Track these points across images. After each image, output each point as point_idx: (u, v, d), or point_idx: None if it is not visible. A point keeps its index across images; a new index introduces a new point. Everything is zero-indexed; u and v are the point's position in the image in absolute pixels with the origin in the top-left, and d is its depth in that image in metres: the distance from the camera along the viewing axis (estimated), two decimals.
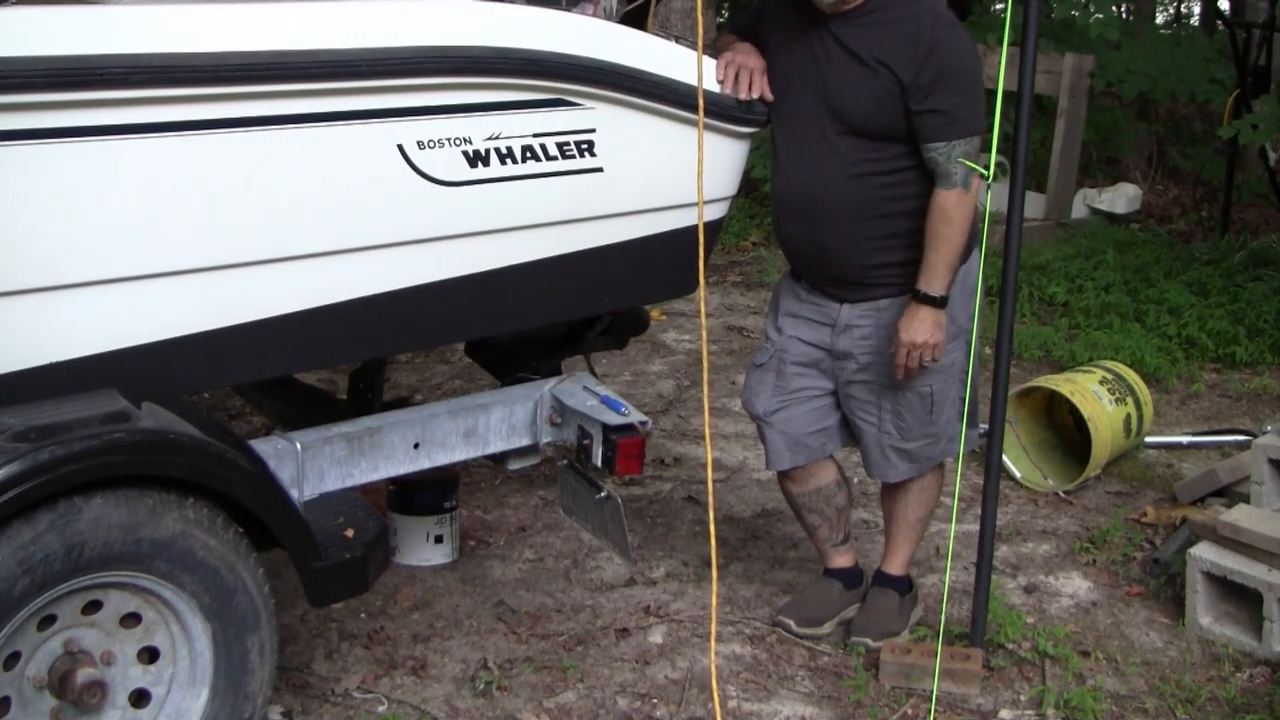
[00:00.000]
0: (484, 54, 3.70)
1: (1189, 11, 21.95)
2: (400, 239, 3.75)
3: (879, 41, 4.14)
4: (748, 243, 10.40)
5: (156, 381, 3.44)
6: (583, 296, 4.29)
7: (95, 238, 3.27)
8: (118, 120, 3.21)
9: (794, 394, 4.48)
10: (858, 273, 4.31)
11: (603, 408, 4.37)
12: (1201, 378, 7.55)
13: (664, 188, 4.16)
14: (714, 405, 6.66)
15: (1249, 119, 8.84)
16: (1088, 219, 10.76)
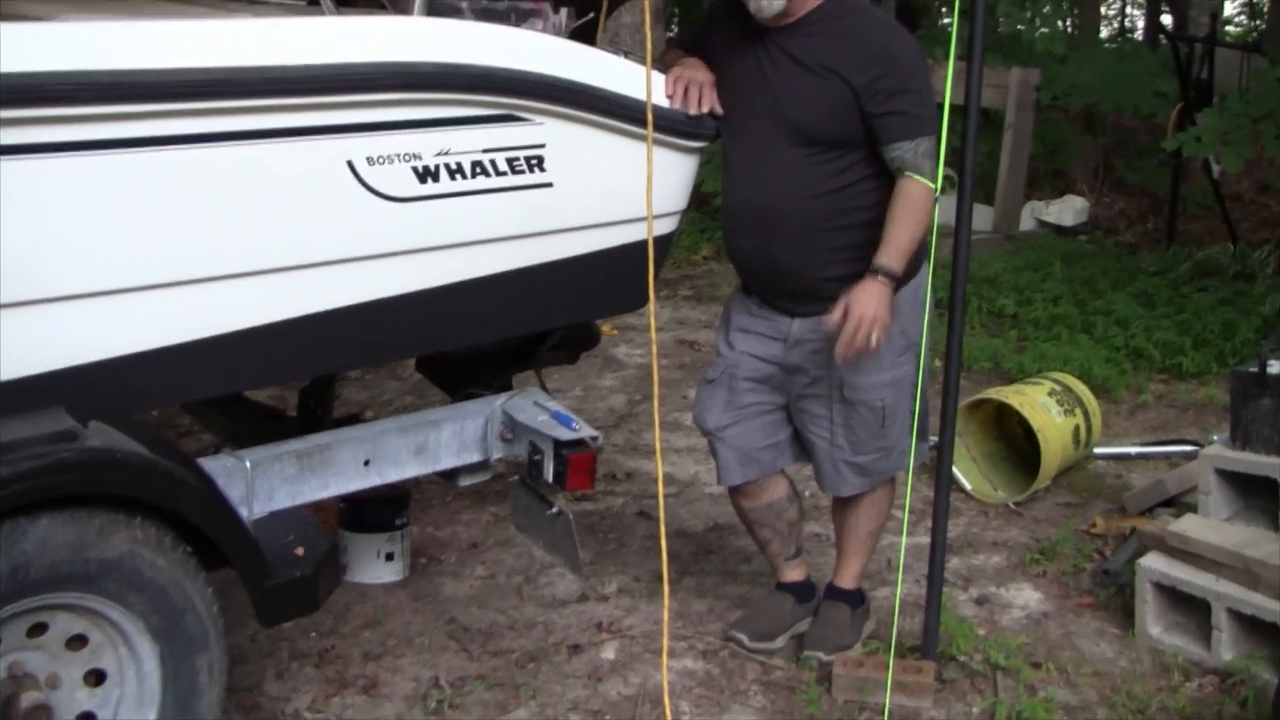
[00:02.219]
0: (434, 69, 3.69)
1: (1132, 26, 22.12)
2: (350, 255, 3.73)
3: (826, 49, 4.15)
4: (699, 257, 10.41)
5: (104, 400, 3.41)
6: (533, 311, 4.28)
7: (39, 256, 3.24)
8: (63, 138, 3.18)
9: (745, 409, 4.48)
10: (809, 285, 4.31)
11: (554, 423, 4.36)
12: (1149, 388, 7.59)
13: (614, 202, 4.15)
14: (665, 420, 6.66)
15: (1193, 132, 8.91)
16: (1036, 231, 10.83)
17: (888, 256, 4.11)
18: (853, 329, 4.06)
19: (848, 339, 4.07)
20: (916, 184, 4.13)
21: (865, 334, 4.06)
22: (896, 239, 4.12)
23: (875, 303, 4.07)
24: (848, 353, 4.11)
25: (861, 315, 4.05)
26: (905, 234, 4.13)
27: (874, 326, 4.06)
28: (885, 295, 4.09)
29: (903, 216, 4.13)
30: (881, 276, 4.09)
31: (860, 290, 4.09)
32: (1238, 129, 8.64)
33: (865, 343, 4.08)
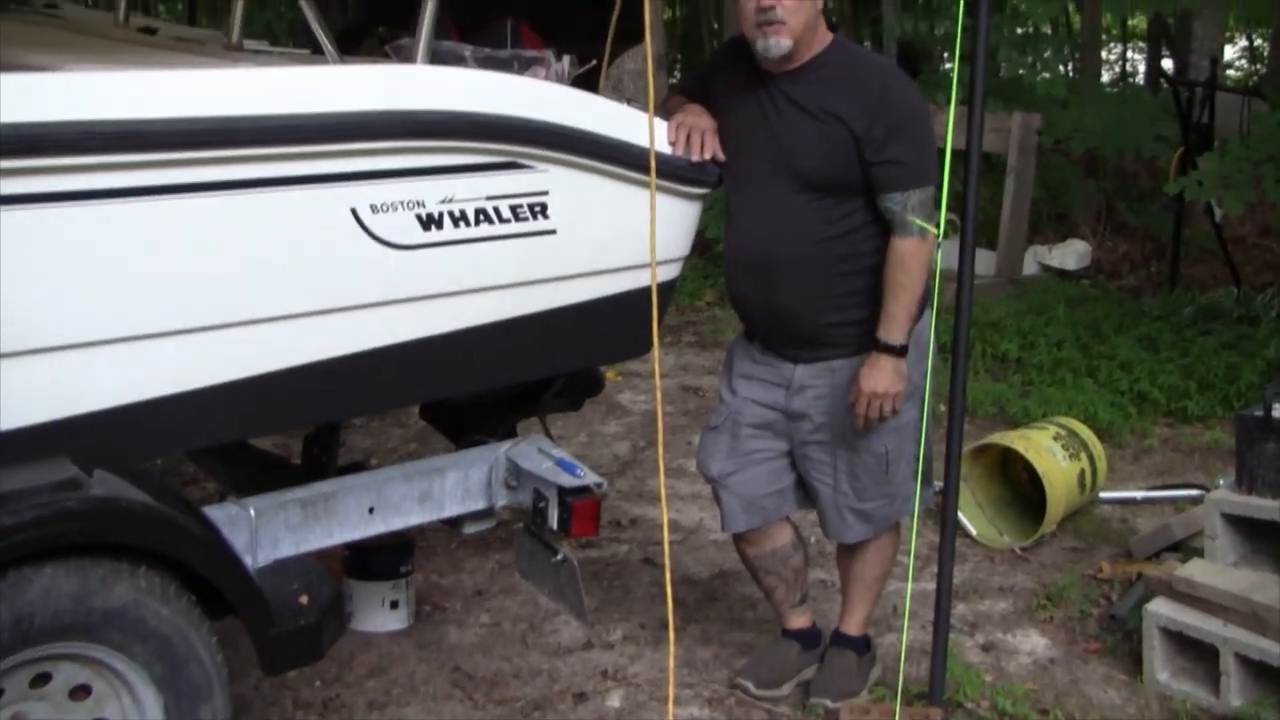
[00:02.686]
0: (437, 117, 3.71)
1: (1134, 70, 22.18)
2: (354, 303, 3.73)
3: (829, 95, 4.17)
4: (702, 302, 10.42)
5: (108, 448, 3.41)
6: (537, 358, 4.28)
7: (45, 304, 3.24)
8: (67, 187, 3.19)
9: (749, 456, 4.48)
10: (812, 332, 4.31)
11: (558, 470, 4.35)
12: (1154, 432, 7.58)
13: (617, 249, 4.16)
14: (670, 466, 6.65)
15: (1194, 175, 8.92)
16: (1039, 275, 10.82)
17: (887, 331, 4.19)
18: (863, 408, 4.22)
19: (861, 418, 4.25)
20: (905, 243, 4.16)
21: (876, 409, 4.21)
22: (893, 311, 4.19)
23: (884, 378, 4.20)
24: (865, 428, 4.28)
25: (872, 392, 4.20)
26: (901, 304, 4.19)
27: (886, 400, 4.21)
28: (892, 368, 4.20)
29: (896, 284, 4.19)
30: (886, 352, 4.17)
31: (868, 368, 4.21)
32: (1239, 173, 8.66)
33: (879, 415, 4.22)
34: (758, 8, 4.10)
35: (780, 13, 4.08)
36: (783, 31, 4.11)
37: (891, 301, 4.19)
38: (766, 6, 4.09)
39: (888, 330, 4.19)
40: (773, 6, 4.08)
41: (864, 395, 4.21)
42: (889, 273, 4.18)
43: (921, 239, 4.16)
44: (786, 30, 4.10)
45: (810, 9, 4.14)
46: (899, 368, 4.20)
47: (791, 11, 4.08)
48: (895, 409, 4.24)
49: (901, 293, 4.18)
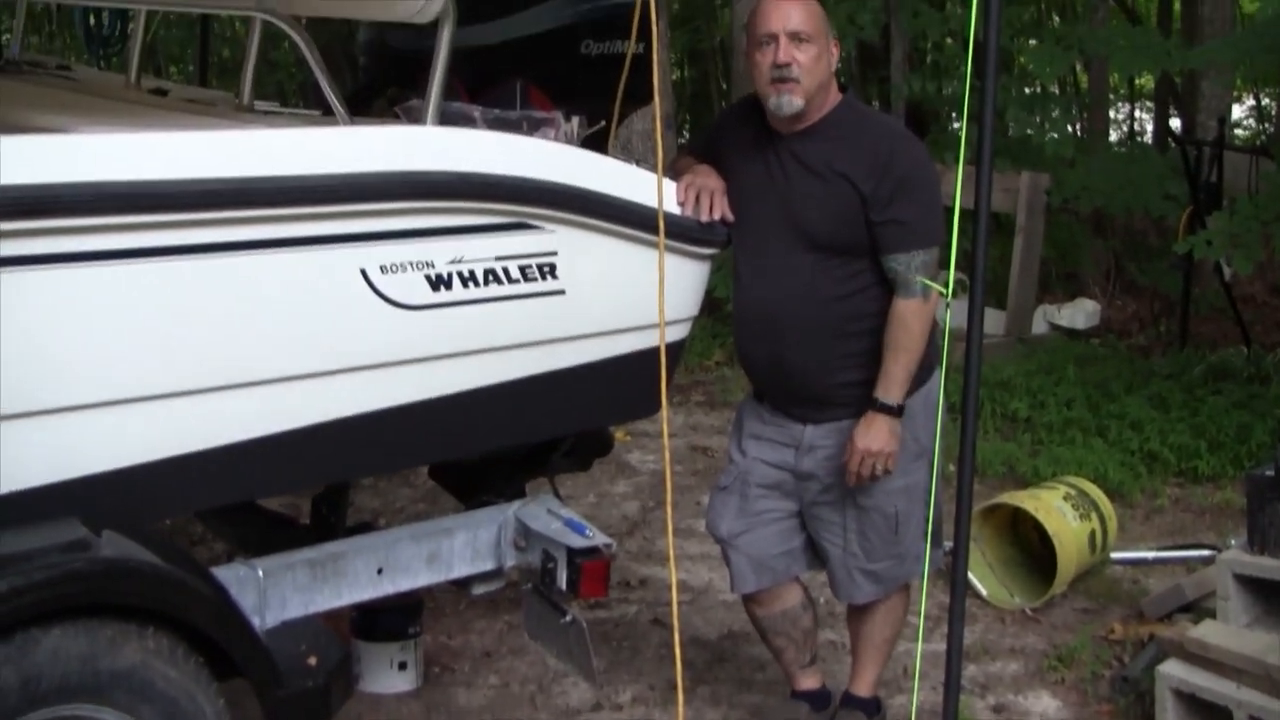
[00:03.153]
0: (446, 178, 3.72)
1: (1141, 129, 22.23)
2: (363, 363, 3.74)
3: (836, 155, 4.18)
4: (711, 362, 10.41)
5: (117, 509, 3.41)
6: (546, 418, 4.28)
7: (55, 365, 3.25)
8: (79, 248, 3.20)
9: (758, 516, 4.47)
10: (821, 391, 4.31)
11: (567, 530, 4.34)
12: (1165, 492, 7.55)
13: (626, 309, 4.17)
14: (679, 526, 6.63)
15: (1203, 234, 8.91)
16: (1048, 334, 10.82)
17: (885, 390, 4.20)
18: (856, 465, 4.23)
19: (852, 475, 4.25)
20: (908, 304, 4.17)
21: (869, 468, 4.21)
22: (892, 371, 4.20)
23: (878, 437, 4.20)
24: (856, 484, 4.28)
25: (866, 449, 4.20)
26: (900, 364, 4.20)
27: (879, 459, 4.21)
28: (887, 427, 4.20)
29: (896, 344, 4.19)
30: (882, 412, 4.17)
31: (863, 426, 4.22)
32: (1248, 231, 8.66)
33: (871, 473, 4.22)
34: (773, 64, 4.12)
35: (795, 70, 4.11)
36: (796, 90, 4.13)
37: (891, 361, 4.19)
38: (783, 64, 4.11)
39: (885, 390, 4.19)
40: (789, 64, 4.11)
41: (857, 453, 4.20)
42: (890, 332, 4.19)
43: (924, 299, 4.16)
44: (800, 90, 4.13)
45: (824, 69, 4.16)
46: (894, 428, 4.20)
47: (806, 71, 4.11)
48: (888, 469, 4.23)
49: (901, 353, 4.18)
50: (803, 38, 4.12)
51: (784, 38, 4.11)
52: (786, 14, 4.13)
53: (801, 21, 4.12)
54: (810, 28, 4.13)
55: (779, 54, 4.12)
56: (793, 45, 4.11)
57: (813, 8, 4.18)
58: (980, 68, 4.14)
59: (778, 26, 4.12)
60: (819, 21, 4.17)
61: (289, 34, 3.95)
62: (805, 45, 4.12)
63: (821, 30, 4.17)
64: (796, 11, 4.13)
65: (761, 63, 4.17)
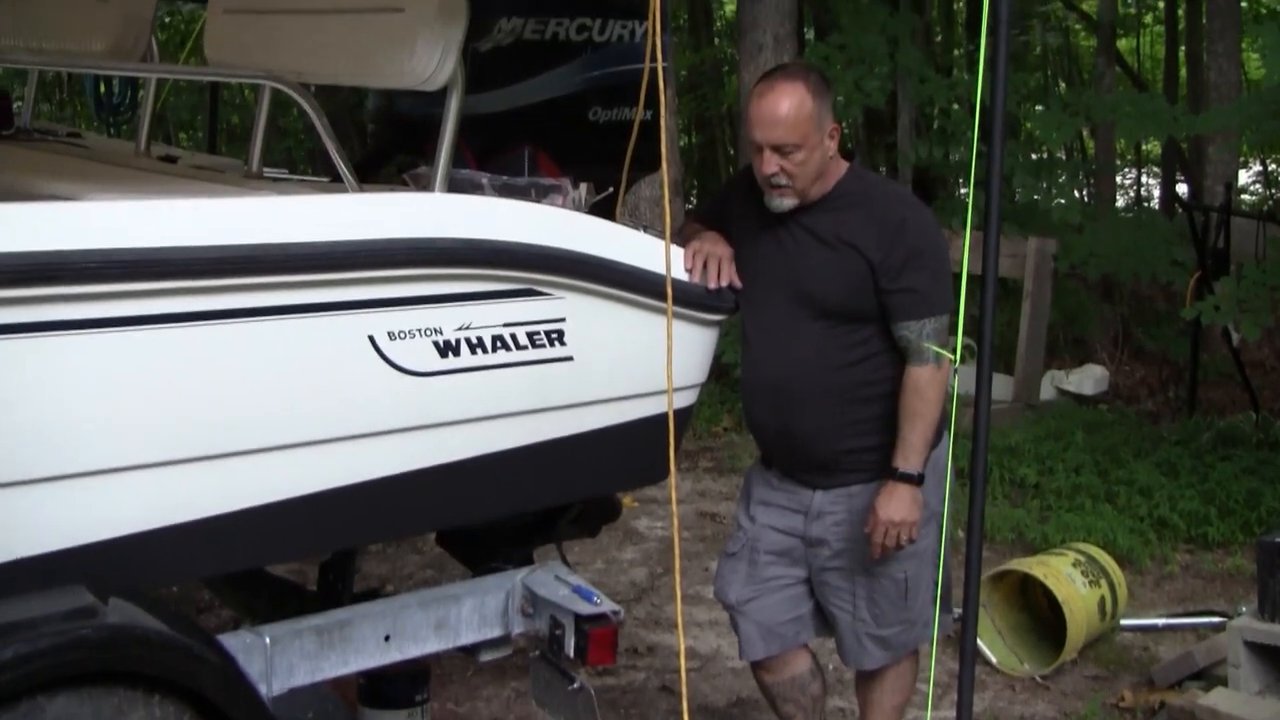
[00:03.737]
0: (455, 245, 3.73)
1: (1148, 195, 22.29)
2: (370, 430, 3.73)
3: (844, 224, 4.19)
4: (719, 428, 10.40)
5: (124, 575, 3.40)
6: (554, 485, 4.27)
7: (62, 432, 3.25)
8: (89, 314, 3.20)
9: (767, 583, 4.46)
10: (829, 458, 4.31)
11: (575, 597, 4.33)
12: (1174, 559, 7.53)
13: (634, 376, 4.16)
14: (687, 593, 6.61)
15: (1210, 300, 8.93)
16: (1056, 400, 10.81)
17: (904, 459, 4.19)
18: (880, 536, 4.19)
19: (877, 546, 4.21)
20: (921, 371, 4.17)
21: (893, 538, 4.19)
22: (910, 439, 4.19)
23: (901, 507, 4.18)
24: (881, 555, 4.25)
25: (889, 520, 4.18)
26: (917, 431, 4.19)
27: (903, 529, 4.19)
28: (909, 496, 4.18)
29: (913, 412, 4.19)
30: (902, 481, 4.16)
31: (885, 496, 4.19)
32: (1255, 297, 8.67)
33: (895, 544, 4.19)
34: (760, 172, 4.15)
35: (782, 179, 4.13)
36: (788, 194, 4.16)
37: (908, 429, 4.18)
38: (768, 174, 4.13)
39: (905, 458, 4.18)
40: (775, 173, 4.13)
41: (881, 524, 4.18)
42: (905, 400, 4.18)
43: (937, 367, 4.17)
44: (792, 192, 4.15)
45: (816, 163, 4.16)
46: (916, 496, 4.19)
47: (795, 176, 4.13)
48: (912, 538, 4.21)
49: (918, 420, 4.18)
50: (788, 149, 4.10)
51: (768, 150, 4.12)
52: (770, 126, 4.10)
53: (785, 134, 4.09)
54: (795, 137, 4.10)
55: (764, 165, 4.14)
56: (778, 156, 4.11)
57: (800, 110, 4.10)
58: (987, 133, 4.16)
59: (761, 139, 4.12)
60: (807, 124, 4.11)
61: (298, 101, 3.97)
62: (791, 154, 4.11)
63: (810, 130, 4.11)
64: (781, 123, 4.09)
65: (755, 161, 4.19)
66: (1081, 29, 19.46)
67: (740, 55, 11.33)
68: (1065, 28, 19.16)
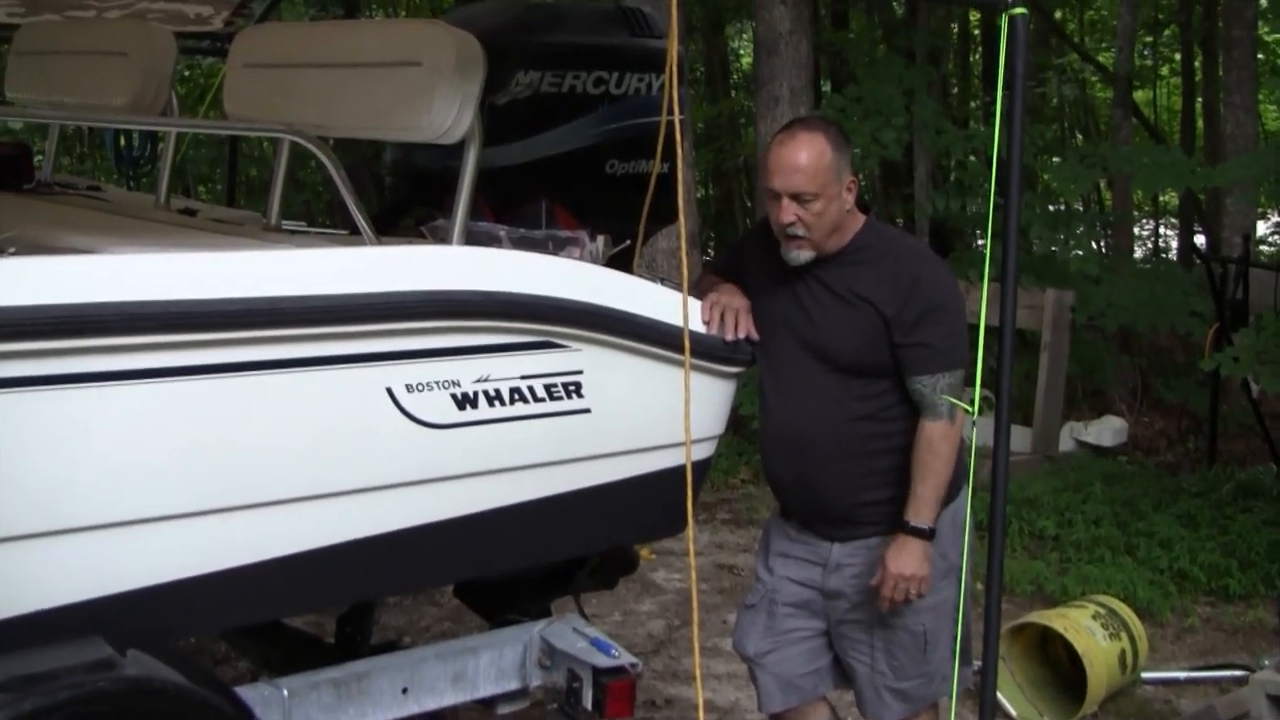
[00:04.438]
0: (472, 298, 3.74)
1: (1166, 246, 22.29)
2: (388, 482, 3.74)
3: (861, 279, 4.19)
4: (737, 479, 10.39)
5: (142, 627, 3.40)
6: (571, 537, 4.27)
7: (82, 483, 3.26)
8: (108, 367, 3.22)
9: (785, 635, 4.44)
10: (847, 510, 4.30)
11: (592, 649, 4.32)
12: (1195, 611, 7.49)
13: (652, 428, 4.16)
14: (705, 645, 6.59)
15: (1229, 352, 8.90)
16: (1075, 452, 10.78)
17: (915, 513, 4.17)
18: (890, 589, 4.17)
19: (886, 600, 4.20)
20: (934, 426, 4.16)
21: (902, 592, 4.17)
22: (921, 493, 4.17)
23: (912, 561, 4.16)
24: (890, 609, 4.23)
25: (899, 574, 4.16)
26: (929, 486, 4.17)
27: (912, 584, 4.16)
28: (920, 550, 4.16)
29: (924, 466, 4.17)
30: (914, 535, 4.14)
31: (895, 550, 4.18)
32: (1274, 348, 8.64)
33: (904, 598, 4.18)
34: (778, 221, 4.15)
35: (799, 229, 4.13)
36: (805, 245, 4.15)
37: (920, 484, 4.17)
38: (786, 224, 4.13)
39: (916, 512, 4.17)
40: (792, 223, 4.13)
41: (890, 578, 4.17)
42: (918, 455, 4.17)
43: (950, 422, 4.15)
44: (808, 243, 4.15)
45: (834, 215, 4.16)
46: (927, 550, 4.17)
47: (813, 227, 4.13)
48: (921, 592, 4.19)
49: (930, 475, 4.16)
50: (806, 198, 4.11)
51: (786, 198, 4.13)
52: (789, 174, 4.11)
53: (805, 182, 4.10)
54: (814, 186, 4.10)
55: (782, 214, 4.13)
56: (796, 205, 4.11)
57: (820, 159, 4.11)
58: (1004, 185, 4.16)
59: (780, 187, 4.12)
60: (826, 174, 4.12)
61: (316, 154, 3.99)
62: (810, 203, 4.11)
63: (829, 180, 4.12)
64: (800, 171, 4.10)
65: (772, 210, 4.20)
66: (1097, 81, 19.48)
67: (757, 108, 11.37)
68: (1081, 80, 19.19)
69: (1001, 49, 4.14)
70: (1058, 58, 18.52)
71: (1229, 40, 12.51)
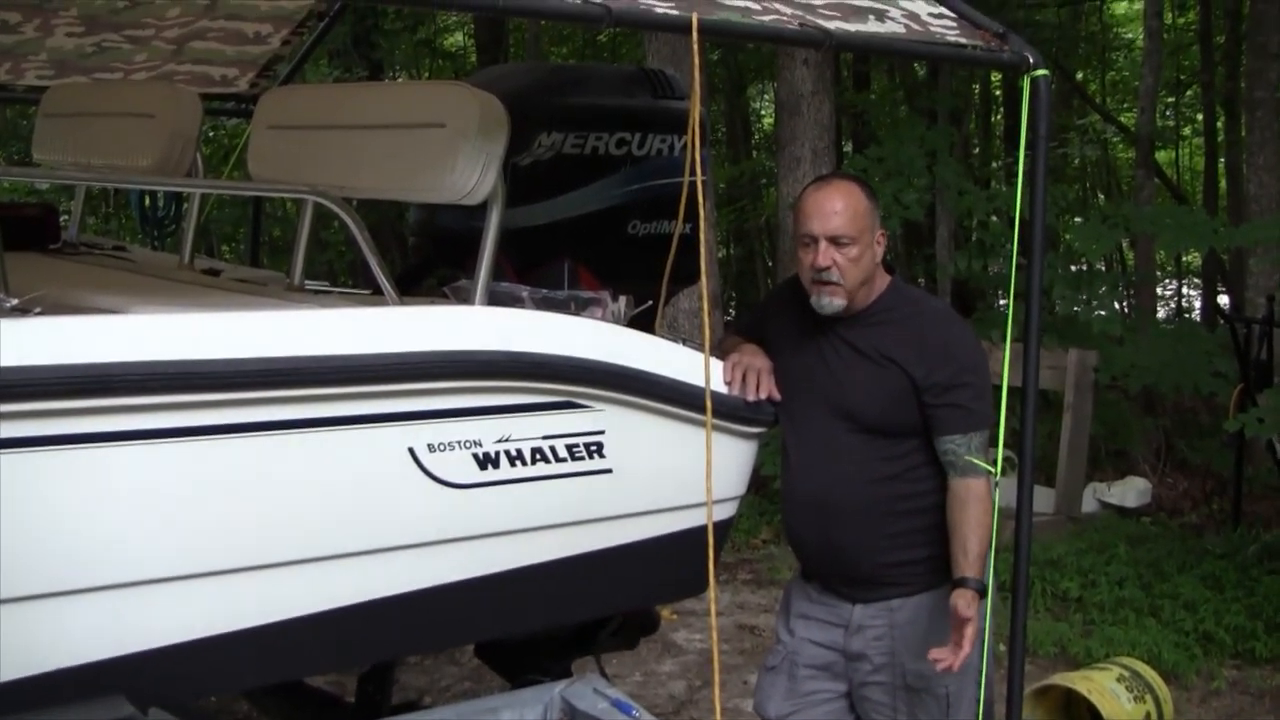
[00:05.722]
0: (494, 358, 3.75)
1: (1189, 306, 22.26)
2: (409, 542, 3.74)
3: (886, 340, 4.19)
4: (758, 540, 10.36)
5: (164, 686, 3.40)
6: (593, 597, 4.26)
7: (104, 543, 3.27)
8: (133, 426, 3.23)
9: (807, 697, 4.42)
10: (870, 571, 4.28)
11: (613, 710, 4.30)
12: (1221, 674, 7.44)
13: (673, 488, 4.16)
14: (726, 706, 6.55)
15: (1254, 412, 8.86)
16: (1098, 513, 10.74)
17: (973, 569, 4.09)
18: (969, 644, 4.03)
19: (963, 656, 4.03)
20: (976, 483, 4.13)
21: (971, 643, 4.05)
22: (973, 549, 4.10)
23: (977, 615, 4.06)
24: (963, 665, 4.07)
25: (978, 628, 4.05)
26: (979, 541, 4.11)
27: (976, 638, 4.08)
28: (977, 605, 4.08)
29: (973, 522, 4.12)
30: (974, 589, 4.08)
31: (966, 604, 4.05)
32: None
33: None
34: (813, 265, 4.15)
35: (835, 274, 4.13)
36: (838, 292, 4.15)
37: (972, 540, 4.10)
38: (822, 267, 4.13)
39: (971, 568, 4.08)
40: (828, 268, 4.13)
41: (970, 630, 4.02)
42: (963, 512, 4.12)
43: (988, 478, 4.14)
44: (841, 290, 4.15)
45: (867, 265, 4.18)
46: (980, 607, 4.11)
47: (847, 273, 4.13)
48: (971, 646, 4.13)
49: (980, 530, 4.10)
50: (843, 241, 4.12)
51: (824, 241, 4.13)
52: (827, 216, 4.13)
53: (843, 225, 4.12)
54: (853, 230, 4.13)
55: (818, 258, 4.14)
56: (833, 248, 4.12)
57: (857, 205, 4.16)
58: (1026, 246, 4.17)
59: (818, 229, 4.14)
60: (863, 219, 4.16)
61: (339, 215, 4.01)
62: (846, 247, 4.12)
63: (865, 228, 4.16)
64: (839, 214, 4.13)
65: (803, 259, 4.20)
66: (1119, 141, 19.54)
67: (779, 168, 11.41)
68: (1103, 140, 19.25)
69: (1024, 110, 4.16)
70: (1080, 118, 18.60)
71: (1251, 101, 12.52)
